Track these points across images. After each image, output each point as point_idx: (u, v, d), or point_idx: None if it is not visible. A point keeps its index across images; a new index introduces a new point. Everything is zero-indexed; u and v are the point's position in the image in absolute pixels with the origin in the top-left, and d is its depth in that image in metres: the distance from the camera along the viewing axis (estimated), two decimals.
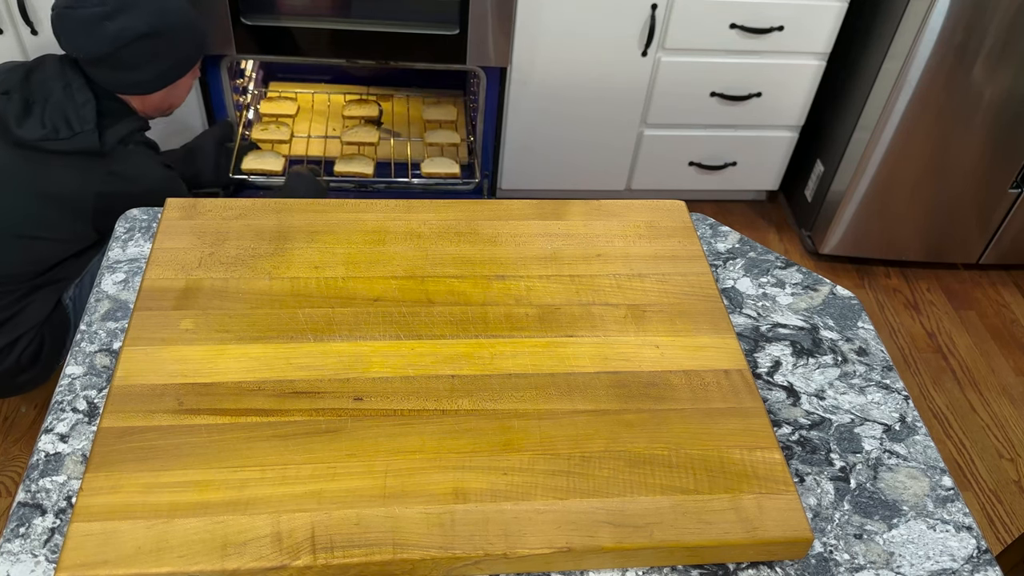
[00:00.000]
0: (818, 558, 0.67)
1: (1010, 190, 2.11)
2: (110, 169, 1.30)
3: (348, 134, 1.92)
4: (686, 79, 2.07)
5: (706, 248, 0.96)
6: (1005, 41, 1.83)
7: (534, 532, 0.63)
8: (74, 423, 0.71)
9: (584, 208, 0.93)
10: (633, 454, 0.69)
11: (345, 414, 0.70)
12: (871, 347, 0.86)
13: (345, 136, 1.91)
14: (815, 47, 2.04)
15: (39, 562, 0.63)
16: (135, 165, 1.33)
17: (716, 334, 0.79)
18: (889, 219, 2.18)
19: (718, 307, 0.83)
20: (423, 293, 0.82)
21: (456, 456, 0.67)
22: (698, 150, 2.23)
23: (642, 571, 0.65)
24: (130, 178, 1.32)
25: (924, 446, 0.77)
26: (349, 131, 1.93)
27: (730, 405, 0.74)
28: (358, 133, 1.91)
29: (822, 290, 0.92)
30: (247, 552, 0.60)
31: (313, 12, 1.83)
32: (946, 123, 1.98)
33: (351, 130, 1.93)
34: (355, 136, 1.91)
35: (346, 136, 1.91)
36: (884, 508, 0.71)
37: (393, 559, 0.61)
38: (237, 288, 0.80)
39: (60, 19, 1.28)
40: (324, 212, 0.89)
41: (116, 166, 1.31)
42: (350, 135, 1.91)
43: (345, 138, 1.91)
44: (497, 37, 1.88)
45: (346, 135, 1.92)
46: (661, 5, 1.92)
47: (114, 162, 1.31)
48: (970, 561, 0.68)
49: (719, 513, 0.65)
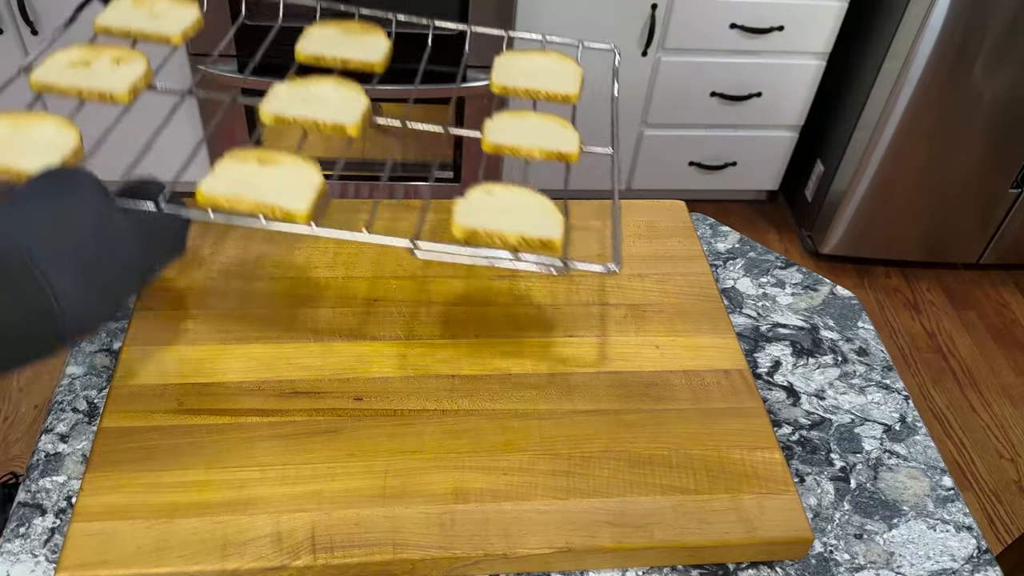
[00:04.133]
0: (818, 558, 0.67)
1: (1010, 190, 2.11)
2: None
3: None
4: (686, 79, 2.07)
5: (706, 248, 0.96)
6: (1005, 41, 1.83)
7: (534, 532, 0.63)
8: (74, 423, 0.71)
9: (584, 208, 0.93)
10: (633, 454, 0.69)
11: (345, 414, 0.70)
12: (871, 347, 0.86)
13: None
14: (815, 47, 2.04)
15: (39, 562, 0.63)
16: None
17: (716, 334, 0.79)
18: (889, 219, 2.18)
19: (718, 307, 0.83)
20: (423, 293, 0.82)
21: (456, 456, 0.67)
22: (698, 150, 2.23)
23: (642, 571, 0.65)
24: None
25: (924, 446, 0.77)
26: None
27: (730, 405, 0.74)
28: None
29: (822, 290, 0.92)
30: (247, 552, 0.60)
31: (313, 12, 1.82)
32: (946, 123, 1.98)
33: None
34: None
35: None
36: (884, 508, 0.71)
37: (393, 559, 0.61)
38: (237, 288, 0.80)
39: None
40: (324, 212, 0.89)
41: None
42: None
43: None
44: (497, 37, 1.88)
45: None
46: (661, 5, 1.92)
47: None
48: (970, 561, 0.68)
49: (719, 513, 0.65)
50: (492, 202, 0.68)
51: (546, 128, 0.77)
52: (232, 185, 0.64)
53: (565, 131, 0.78)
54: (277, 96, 0.74)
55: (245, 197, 0.63)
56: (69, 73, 0.74)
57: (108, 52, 0.77)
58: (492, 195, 0.69)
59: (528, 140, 0.75)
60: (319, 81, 0.77)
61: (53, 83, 0.73)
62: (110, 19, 0.82)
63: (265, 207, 0.64)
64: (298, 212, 0.64)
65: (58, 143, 0.66)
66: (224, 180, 0.65)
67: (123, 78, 0.74)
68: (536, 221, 0.67)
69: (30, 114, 0.69)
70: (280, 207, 0.64)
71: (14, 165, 0.64)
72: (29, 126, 0.68)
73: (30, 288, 0.52)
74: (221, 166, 0.66)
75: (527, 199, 0.69)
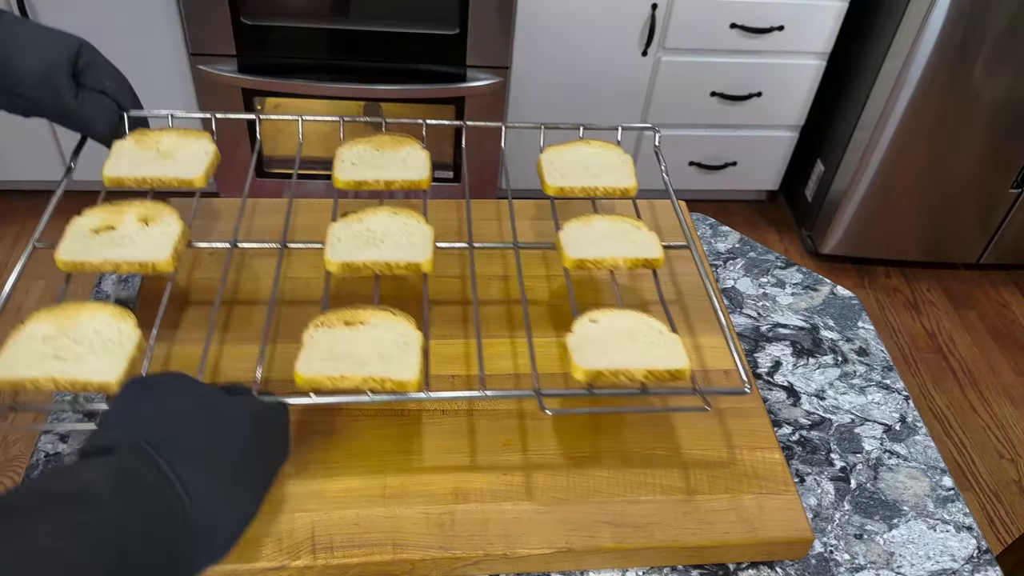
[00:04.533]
0: (818, 558, 0.67)
1: (1010, 190, 2.11)
2: None
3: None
4: (686, 79, 2.07)
5: (706, 248, 0.96)
6: (1005, 41, 1.83)
7: (534, 532, 0.63)
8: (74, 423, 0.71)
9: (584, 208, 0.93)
10: (633, 454, 0.69)
11: (345, 414, 0.70)
12: (871, 347, 0.86)
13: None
14: (815, 47, 2.04)
15: None
16: None
17: (716, 334, 0.79)
18: (889, 219, 2.18)
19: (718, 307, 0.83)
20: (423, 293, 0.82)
21: (456, 456, 0.67)
22: (698, 150, 2.23)
23: (642, 571, 0.65)
24: None
25: (924, 446, 0.77)
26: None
27: (730, 405, 0.74)
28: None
29: (822, 290, 0.92)
30: (247, 552, 0.60)
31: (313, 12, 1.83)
32: (946, 123, 1.98)
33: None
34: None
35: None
36: (884, 508, 0.71)
37: (393, 559, 0.61)
38: (237, 288, 0.80)
39: None
40: (324, 212, 0.89)
41: None
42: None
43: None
44: (497, 37, 1.88)
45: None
46: (661, 5, 1.92)
47: None
48: (970, 561, 0.68)
49: (719, 513, 0.65)
50: (601, 332, 0.65)
51: (620, 232, 0.75)
52: (328, 359, 0.60)
53: (639, 232, 0.75)
54: (337, 239, 0.70)
55: (348, 374, 0.59)
56: (97, 244, 0.67)
57: (131, 209, 0.70)
58: (598, 324, 0.66)
59: (610, 250, 0.72)
60: (374, 212, 0.73)
61: (83, 260, 0.66)
62: (119, 169, 0.74)
63: (373, 381, 0.59)
64: (409, 382, 0.59)
65: (117, 339, 0.60)
66: (318, 355, 0.60)
67: (160, 243, 0.68)
68: (657, 350, 0.64)
69: (75, 306, 0.62)
70: (388, 379, 0.59)
71: (75, 376, 0.57)
72: (78, 322, 0.61)
73: (156, 478, 0.46)
74: (308, 339, 0.62)
75: (635, 322, 0.66)
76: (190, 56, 1.87)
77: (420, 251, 0.70)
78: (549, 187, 0.81)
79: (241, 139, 1.98)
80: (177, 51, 1.89)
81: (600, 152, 0.85)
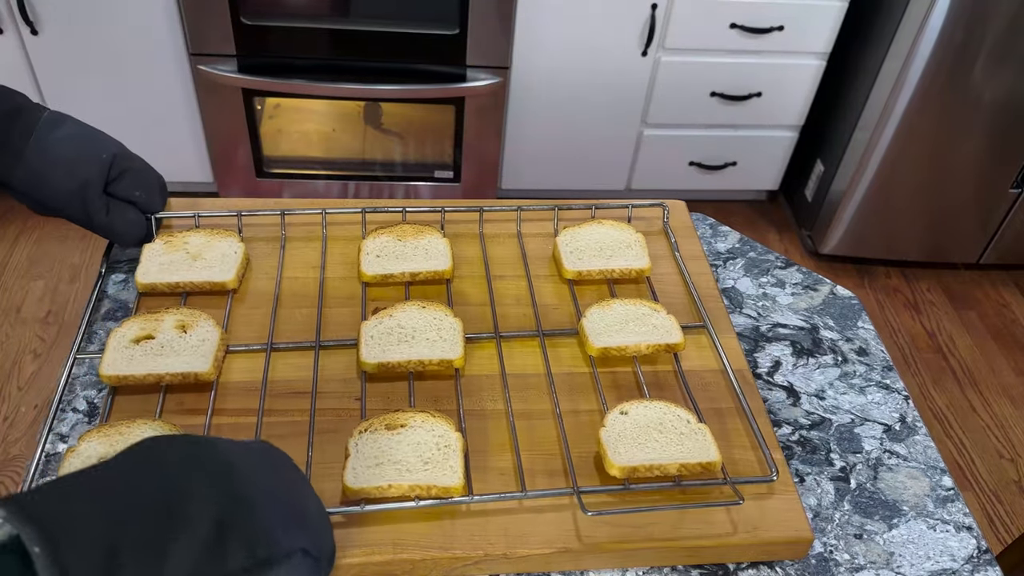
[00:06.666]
0: (818, 558, 0.67)
1: (1010, 190, 2.11)
2: None
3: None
4: (686, 79, 2.07)
5: (706, 248, 0.96)
6: (1005, 41, 1.83)
7: (534, 532, 0.63)
8: (74, 423, 0.71)
9: (584, 208, 0.93)
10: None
11: (345, 414, 0.70)
12: (871, 347, 0.86)
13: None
14: (815, 47, 2.04)
15: None
16: None
17: (716, 334, 0.79)
18: (889, 219, 2.18)
19: (718, 307, 0.83)
20: (423, 293, 0.82)
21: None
22: (698, 150, 2.23)
23: (642, 571, 0.65)
24: None
25: (924, 446, 0.77)
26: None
27: (730, 405, 0.74)
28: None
29: (822, 290, 0.92)
30: None
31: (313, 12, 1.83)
32: (946, 123, 1.98)
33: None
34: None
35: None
36: (884, 508, 0.71)
37: (393, 559, 0.61)
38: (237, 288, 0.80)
39: None
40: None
41: None
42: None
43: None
44: (497, 37, 1.88)
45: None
46: (661, 5, 1.92)
47: None
48: (970, 561, 0.68)
49: (719, 513, 0.65)
50: (632, 425, 0.68)
51: (639, 316, 0.78)
52: (373, 466, 0.62)
53: (658, 315, 0.78)
54: (370, 336, 0.73)
55: (395, 483, 0.61)
56: (139, 355, 0.70)
57: (167, 317, 0.73)
58: (628, 416, 0.68)
59: (633, 337, 0.76)
60: (402, 308, 0.76)
61: (128, 374, 0.69)
62: (151, 275, 0.78)
63: (419, 488, 0.62)
64: (455, 488, 0.62)
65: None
66: (363, 463, 0.63)
67: (201, 351, 0.71)
68: (687, 442, 0.67)
69: (126, 424, 0.64)
70: (434, 485, 0.62)
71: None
72: (128, 440, 0.62)
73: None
74: (353, 447, 0.64)
75: (663, 413, 0.69)
76: (190, 56, 1.87)
77: (451, 347, 0.73)
78: (568, 271, 0.84)
79: (241, 139, 1.98)
80: (177, 51, 1.89)
81: (613, 232, 0.88)
